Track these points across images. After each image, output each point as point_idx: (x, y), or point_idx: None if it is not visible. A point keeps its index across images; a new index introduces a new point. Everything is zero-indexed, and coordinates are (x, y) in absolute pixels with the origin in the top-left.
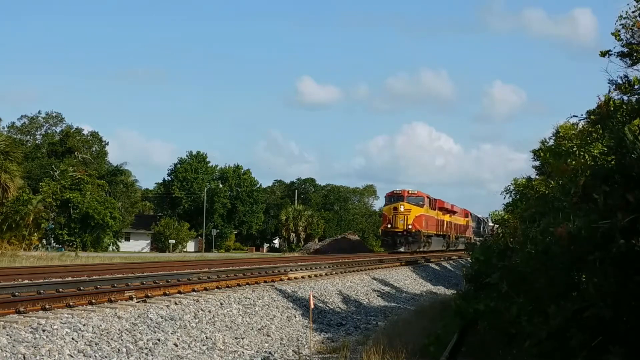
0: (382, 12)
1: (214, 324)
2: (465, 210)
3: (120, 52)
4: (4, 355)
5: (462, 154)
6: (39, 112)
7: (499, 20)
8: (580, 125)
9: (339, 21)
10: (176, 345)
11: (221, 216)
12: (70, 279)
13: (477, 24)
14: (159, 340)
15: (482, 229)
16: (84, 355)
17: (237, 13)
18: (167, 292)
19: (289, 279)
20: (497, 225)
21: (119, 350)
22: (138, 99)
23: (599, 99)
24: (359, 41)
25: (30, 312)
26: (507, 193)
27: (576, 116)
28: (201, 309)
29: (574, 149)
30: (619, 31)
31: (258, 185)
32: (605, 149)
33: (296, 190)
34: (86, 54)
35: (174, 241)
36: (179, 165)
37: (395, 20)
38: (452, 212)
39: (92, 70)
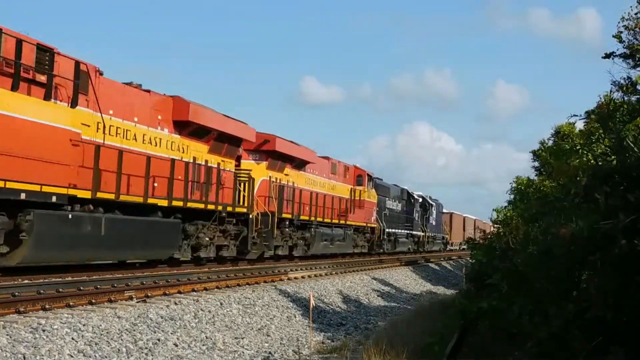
0: (386, 12)
1: (214, 324)
2: (356, 170)
3: (122, 51)
4: (4, 355)
5: (465, 154)
6: None
7: (504, 19)
8: (580, 125)
9: (343, 21)
10: (176, 345)
11: None
12: (70, 278)
13: (482, 24)
14: (158, 340)
15: (418, 216)
16: (84, 355)
17: (240, 13)
18: (167, 292)
19: (289, 279)
20: (497, 225)
21: (119, 350)
22: None
23: (600, 98)
24: (362, 41)
25: (30, 312)
26: (510, 192)
27: (576, 115)
28: (201, 309)
29: (577, 148)
30: (621, 32)
31: None
32: (607, 149)
33: None
34: (88, 54)
35: None
36: None
37: (399, 19)
38: (277, 155)
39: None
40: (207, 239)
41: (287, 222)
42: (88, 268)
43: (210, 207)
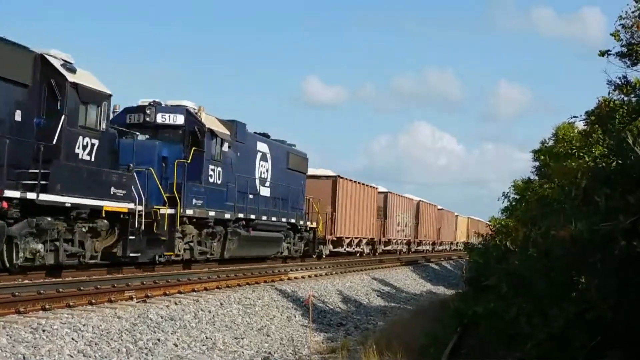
0: (389, 11)
1: (214, 324)
2: None
3: (123, 47)
4: (4, 355)
5: (466, 154)
6: None
7: (508, 19)
8: (579, 126)
9: (345, 20)
10: (176, 345)
11: None
12: (70, 278)
13: (485, 23)
14: (158, 340)
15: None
16: (83, 355)
17: (243, 13)
18: (167, 292)
19: (289, 279)
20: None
21: (118, 350)
22: (139, 93)
23: (599, 99)
24: (365, 40)
25: (30, 312)
26: (505, 197)
27: (576, 117)
28: (201, 309)
29: (574, 151)
30: (619, 31)
31: None
32: (606, 151)
33: None
34: (96, 54)
35: None
36: None
37: (402, 18)
38: None
39: (102, 68)
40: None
41: None
42: (87, 268)
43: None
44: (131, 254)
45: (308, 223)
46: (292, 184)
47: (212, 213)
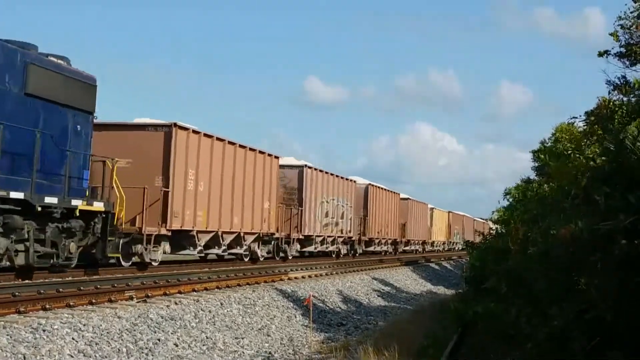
0: (390, 11)
1: (214, 324)
2: None
3: (123, 45)
4: (4, 355)
5: (466, 154)
6: None
7: (510, 19)
8: (579, 127)
9: (347, 20)
10: (176, 345)
11: None
12: (70, 278)
13: (487, 23)
14: (159, 340)
15: None
16: (84, 355)
17: (244, 13)
18: (168, 292)
19: (289, 279)
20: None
21: (119, 350)
22: (140, 95)
23: (599, 99)
24: (367, 40)
25: (31, 312)
26: (507, 195)
27: (576, 117)
28: (201, 309)
29: (569, 152)
30: (617, 32)
31: None
32: (603, 150)
33: None
34: (92, 49)
35: None
36: None
37: (403, 18)
38: None
39: (97, 65)
40: None
41: None
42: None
43: None
44: None
45: (79, 202)
46: (41, 126)
47: None
